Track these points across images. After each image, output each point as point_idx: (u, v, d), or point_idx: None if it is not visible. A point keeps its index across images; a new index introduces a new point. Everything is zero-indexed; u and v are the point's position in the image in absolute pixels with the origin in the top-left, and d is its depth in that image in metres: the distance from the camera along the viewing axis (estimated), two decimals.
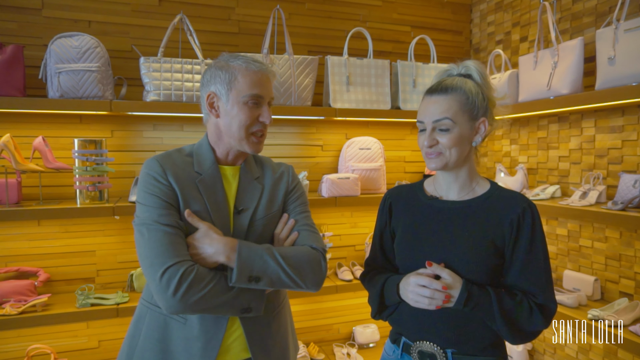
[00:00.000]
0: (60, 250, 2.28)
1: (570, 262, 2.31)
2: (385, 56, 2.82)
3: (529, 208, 1.12)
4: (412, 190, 1.29)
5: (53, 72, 2.01)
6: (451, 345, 1.13)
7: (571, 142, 2.29)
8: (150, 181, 1.15)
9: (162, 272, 1.04)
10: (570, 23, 2.29)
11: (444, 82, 1.16)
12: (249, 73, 1.17)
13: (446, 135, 1.12)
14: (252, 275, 1.09)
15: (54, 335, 2.28)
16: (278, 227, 1.26)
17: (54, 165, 2.10)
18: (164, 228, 1.08)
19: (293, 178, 1.34)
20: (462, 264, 1.11)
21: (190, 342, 1.13)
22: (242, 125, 1.18)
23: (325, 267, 1.20)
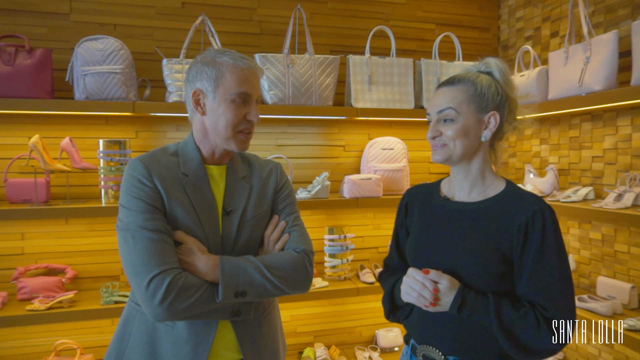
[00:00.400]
0: (87, 248, 2.34)
1: (604, 267, 2.19)
2: (409, 55, 2.77)
3: (540, 211, 1.03)
4: (429, 190, 1.26)
5: (79, 75, 2.07)
6: (453, 352, 1.09)
7: (605, 141, 2.18)
8: (134, 183, 1.10)
9: (148, 281, 1.01)
10: (604, 16, 2.17)
11: (456, 76, 1.13)
12: (236, 70, 1.13)
13: (450, 126, 1.09)
14: (238, 291, 1.07)
15: (80, 331, 2.34)
16: (268, 229, 1.23)
17: (80, 165, 2.16)
18: (149, 234, 1.05)
19: (281, 176, 1.31)
20: (466, 269, 1.06)
21: (179, 346, 1.11)
22: (229, 123, 1.14)
23: (311, 270, 1.18)
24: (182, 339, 1.11)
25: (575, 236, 2.34)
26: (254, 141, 2.54)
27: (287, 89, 2.32)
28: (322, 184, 2.41)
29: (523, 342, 1.00)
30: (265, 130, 2.57)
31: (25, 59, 2.02)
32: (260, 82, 1.21)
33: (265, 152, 2.55)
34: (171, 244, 1.08)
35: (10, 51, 2.01)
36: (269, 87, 2.30)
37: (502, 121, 1.11)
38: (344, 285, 2.46)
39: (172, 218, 1.11)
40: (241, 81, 1.13)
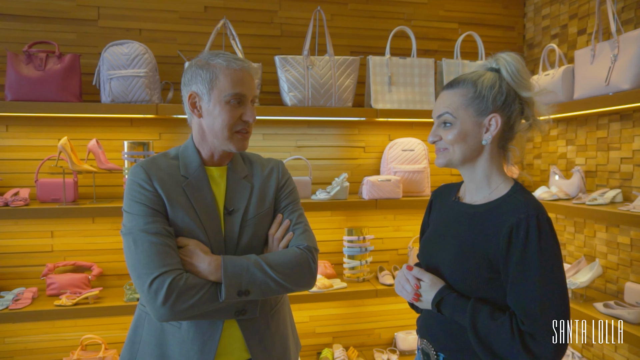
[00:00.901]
0: (112, 246, 2.42)
1: (633, 273, 2.11)
2: (431, 55, 2.74)
3: (526, 219, 0.98)
4: (451, 190, 1.26)
5: (105, 78, 2.14)
6: (444, 350, 1.10)
7: (635, 142, 2.10)
8: (135, 188, 1.13)
9: (149, 282, 1.03)
10: (635, 12, 2.10)
11: (458, 77, 1.11)
12: (230, 71, 1.14)
13: (449, 131, 1.08)
14: (242, 290, 1.08)
15: (105, 327, 2.42)
16: (272, 228, 1.24)
17: (106, 166, 2.23)
18: (150, 237, 1.07)
19: (283, 174, 1.31)
20: (448, 270, 1.08)
21: (187, 345, 1.13)
22: (225, 124, 1.15)
23: (314, 266, 1.19)
24: (188, 338, 1.13)
25: (603, 240, 2.26)
26: (275, 142, 2.57)
27: (306, 91, 2.33)
28: (341, 185, 2.42)
29: (495, 351, 0.96)
30: (285, 131, 2.59)
31: (55, 64, 2.11)
32: (255, 83, 1.22)
33: (284, 154, 2.57)
34: (172, 247, 1.09)
35: (42, 57, 2.09)
36: (288, 88, 2.32)
37: (511, 122, 1.08)
38: (363, 287, 2.45)
39: (174, 220, 1.13)
40: (235, 82, 1.14)
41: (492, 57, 1.12)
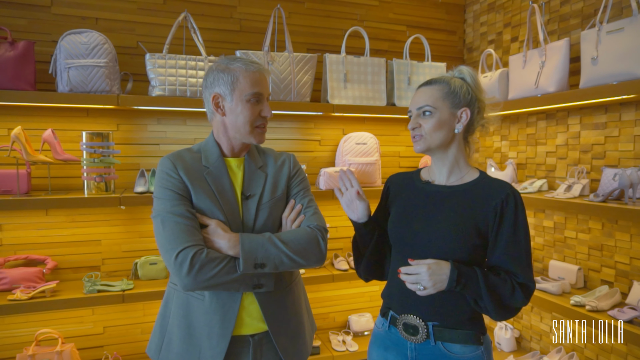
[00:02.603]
0: (67, 239, 2.37)
1: (555, 252, 2.42)
2: (381, 55, 2.92)
3: (512, 195, 1.21)
4: (409, 176, 1.42)
5: (63, 67, 2.09)
6: (433, 318, 1.24)
7: (558, 138, 2.41)
8: (163, 177, 1.28)
9: (175, 255, 1.17)
10: (558, 24, 2.40)
11: (433, 78, 1.31)
12: (249, 74, 1.29)
13: (427, 120, 1.25)
14: (257, 263, 1.22)
15: (60, 321, 2.37)
16: (286, 211, 1.38)
17: (62, 156, 2.18)
18: (176, 218, 1.22)
19: (294, 165, 1.46)
20: (446, 242, 1.22)
21: (209, 315, 1.27)
22: (247, 120, 1.30)
23: (324, 244, 1.32)
24: (211, 309, 1.27)
25: (531, 224, 2.56)
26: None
27: None
28: None
29: (503, 302, 1.18)
30: None
31: (8, 50, 2.03)
32: (268, 83, 1.36)
33: None
34: (195, 226, 1.23)
35: None
36: None
37: (472, 117, 1.27)
38: (320, 273, 2.59)
39: (197, 204, 1.28)
40: (254, 83, 1.29)
41: (454, 69, 1.33)
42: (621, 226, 2.08)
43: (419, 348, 1.25)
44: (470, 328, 1.23)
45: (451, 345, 1.22)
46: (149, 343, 1.40)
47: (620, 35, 1.84)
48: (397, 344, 1.30)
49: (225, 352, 1.25)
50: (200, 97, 2.28)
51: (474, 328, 1.23)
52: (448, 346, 1.22)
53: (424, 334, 1.23)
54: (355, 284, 2.95)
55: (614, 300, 2.00)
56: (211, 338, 1.26)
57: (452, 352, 1.22)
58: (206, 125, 2.56)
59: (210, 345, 1.26)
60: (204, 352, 1.26)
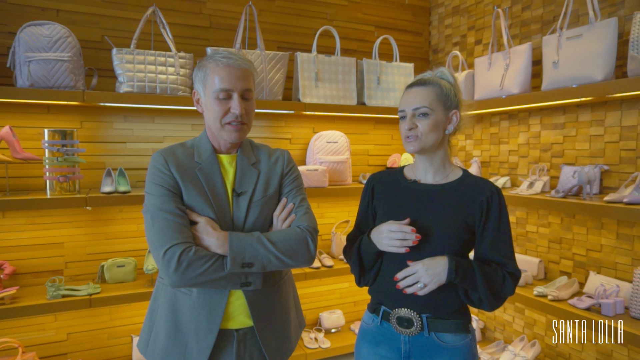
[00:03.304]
0: (27, 242, 2.24)
1: (518, 246, 2.55)
2: (351, 54, 2.96)
3: (496, 192, 1.28)
4: (393, 174, 1.42)
5: (22, 61, 1.98)
6: (426, 310, 1.28)
7: (519, 137, 2.53)
8: (155, 172, 1.27)
9: (163, 252, 1.17)
10: (519, 29, 2.52)
11: (423, 78, 1.33)
12: (217, 69, 1.27)
13: (424, 121, 1.27)
14: (245, 262, 1.21)
15: (20, 329, 2.24)
16: (277, 210, 1.37)
17: (22, 155, 2.07)
18: (165, 215, 1.21)
19: (288, 162, 1.44)
20: (437, 239, 1.26)
21: (197, 310, 1.26)
22: (215, 117, 1.28)
23: (313, 245, 1.31)
24: (198, 304, 1.26)
25: None
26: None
27: None
28: None
29: (496, 291, 1.24)
30: None
31: None
32: (248, 77, 1.30)
33: None
34: (184, 223, 1.23)
35: None
36: None
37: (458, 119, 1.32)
38: (293, 271, 2.59)
39: (188, 200, 1.27)
40: (221, 79, 1.27)
41: (435, 70, 1.36)
42: (578, 220, 2.22)
43: (413, 340, 1.29)
44: (459, 318, 1.29)
45: (443, 335, 1.28)
46: (139, 338, 1.39)
47: (579, 41, 1.96)
48: (389, 338, 1.32)
49: (212, 347, 1.25)
50: (171, 94, 2.22)
51: (462, 317, 1.30)
52: (440, 336, 1.28)
53: (419, 326, 1.27)
54: (326, 281, 2.98)
55: (572, 290, 2.13)
56: (198, 332, 1.26)
57: (444, 342, 1.27)
58: (175, 123, 2.50)
59: (197, 339, 1.26)
60: (190, 346, 1.26)
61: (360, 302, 3.10)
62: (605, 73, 1.87)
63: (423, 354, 1.28)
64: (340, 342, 2.76)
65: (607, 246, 2.10)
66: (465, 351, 1.29)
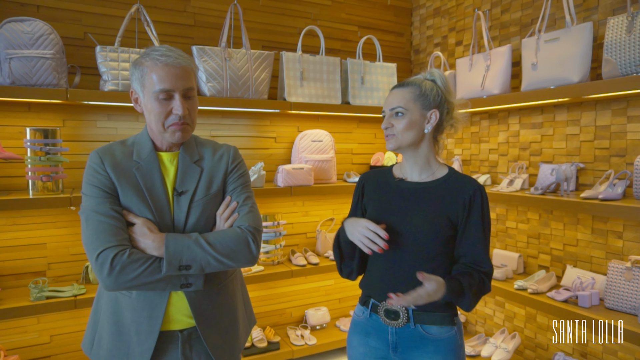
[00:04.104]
0: (8, 243, 2.20)
1: (498, 242, 2.63)
2: (335, 54, 2.99)
3: (479, 190, 1.32)
4: (382, 173, 1.47)
5: (3, 58, 1.94)
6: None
7: (499, 136, 2.61)
8: (90, 172, 1.23)
9: (95, 256, 1.14)
10: (499, 31, 2.59)
11: (406, 80, 1.38)
12: (156, 68, 1.21)
13: (400, 120, 1.33)
14: (182, 265, 1.18)
15: (2, 332, 2.19)
16: (220, 209, 1.32)
17: (3, 154, 2.02)
18: (99, 217, 1.18)
19: (233, 159, 1.38)
20: (421, 235, 1.31)
21: (137, 312, 1.24)
22: (157, 119, 1.23)
23: (255, 246, 1.28)
24: (138, 306, 1.23)
25: None
26: None
27: (224, 82, 2.39)
28: (258, 174, 2.53)
29: (479, 296, 1.30)
30: (200, 121, 2.61)
31: None
32: (188, 75, 1.25)
33: None
34: (119, 225, 1.19)
35: None
36: (206, 79, 2.35)
37: (442, 118, 1.36)
38: (279, 269, 2.61)
39: (124, 201, 1.23)
40: (160, 79, 1.21)
41: (426, 72, 1.41)
42: (556, 216, 2.31)
43: (400, 332, 1.33)
44: (444, 311, 1.34)
45: (429, 327, 1.32)
46: (83, 338, 1.36)
47: (556, 44, 2.04)
48: (377, 330, 1.37)
49: (153, 349, 1.23)
50: None
51: (447, 310, 1.34)
52: (426, 328, 1.32)
53: (405, 318, 1.32)
54: (311, 279, 3.00)
55: (550, 283, 2.22)
56: (139, 334, 1.24)
57: (429, 333, 1.32)
58: None
59: (139, 341, 1.24)
60: (132, 348, 1.24)
61: (345, 299, 3.15)
62: (581, 75, 1.95)
63: (409, 345, 1.33)
64: (326, 338, 2.79)
65: (582, 240, 2.20)
66: (451, 342, 1.33)
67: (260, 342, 2.62)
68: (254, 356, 2.54)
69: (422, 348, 1.32)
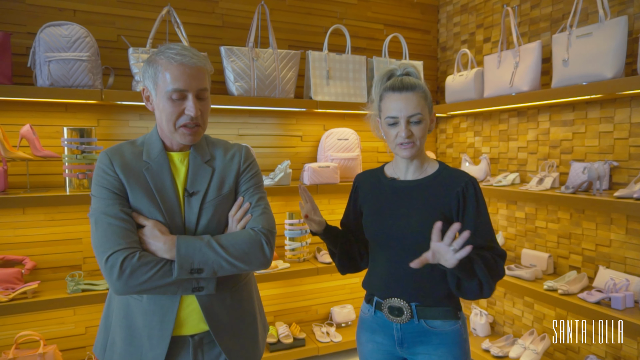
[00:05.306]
0: (46, 238, 2.30)
1: (527, 241, 2.59)
2: (360, 52, 2.99)
3: (470, 182, 1.32)
4: (375, 174, 1.49)
5: (42, 61, 2.02)
6: (415, 299, 1.34)
7: (528, 134, 2.56)
8: (99, 173, 1.21)
9: (105, 259, 1.11)
10: (528, 27, 2.54)
11: (406, 81, 1.31)
12: (170, 67, 1.17)
13: (419, 127, 1.32)
14: (194, 268, 1.15)
15: (40, 322, 2.30)
16: (233, 209, 1.29)
17: (42, 153, 2.11)
18: (108, 219, 1.15)
19: (245, 158, 1.34)
20: (418, 232, 1.30)
21: (149, 316, 1.20)
22: (169, 119, 1.19)
23: (269, 248, 1.24)
24: (150, 310, 1.20)
25: (504, 216, 2.72)
26: (217, 131, 2.62)
27: (252, 81, 2.43)
28: (284, 172, 2.56)
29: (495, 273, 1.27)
30: (227, 120, 2.66)
31: None
32: (203, 75, 1.21)
33: None
34: (129, 227, 1.16)
35: None
36: (234, 78, 2.40)
37: None
38: (304, 266, 2.64)
39: (134, 203, 1.20)
40: (174, 78, 1.17)
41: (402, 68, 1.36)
42: (588, 215, 2.26)
43: (404, 327, 1.35)
44: (447, 305, 1.35)
45: (432, 322, 1.34)
46: (95, 342, 1.32)
47: (589, 39, 1.99)
48: (383, 327, 1.39)
49: (165, 354, 1.20)
50: None
51: (450, 304, 1.35)
52: (430, 322, 1.34)
53: (408, 314, 1.33)
54: (337, 276, 3.02)
55: (582, 284, 2.16)
56: (151, 339, 1.21)
57: (433, 328, 1.33)
58: None
59: (151, 346, 1.21)
60: (145, 352, 1.21)
61: None
62: (615, 71, 1.90)
63: (414, 340, 1.35)
64: (352, 336, 2.80)
65: (616, 241, 2.14)
66: (455, 336, 1.35)
67: (286, 338, 2.65)
68: (280, 352, 2.58)
69: (427, 342, 1.35)
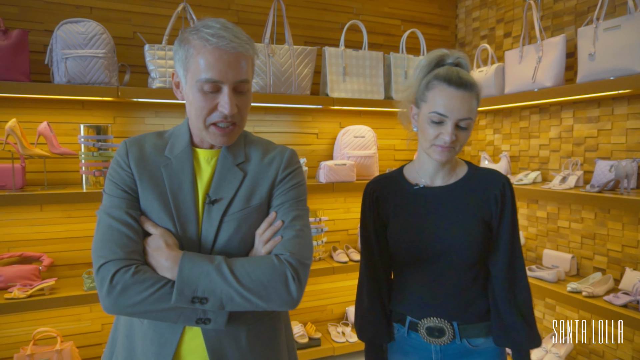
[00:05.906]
0: (63, 235, 2.30)
1: (549, 242, 2.51)
2: (377, 48, 2.94)
3: (507, 182, 1.22)
4: (395, 180, 1.30)
5: (59, 58, 2.02)
6: (455, 317, 1.21)
7: (551, 131, 2.49)
8: (113, 166, 1.03)
9: (97, 268, 0.93)
10: (551, 21, 2.47)
11: (464, 77, 1.16)
12: (204, 51, 0.94)
13: (465, 133, 1.17)
14: (196, 296, 0.91)
15: (57, 319, 2.31)
16: (261, 227, 1.03)
17: (59, 150, 2.12)
18: (109, 220, 0.97)
19: (287, 164, 1.08)
20: (462, 245, 1.19)
21: (147, 343, 1.00)
22: (198, 114, 0.99)
23: (295, 284, 0.95)
24: (148, 337, 1.00)
25: (524, 215, 2.65)
26: None
27: (268, 78, 2.41)
28: None
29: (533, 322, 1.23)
30: None
31: (1, 39, 1.95)
32: (245, 64, 0.98)
33: None
34: (131, 234, 0.97)
35: None
36: None
37: None
38: (320, 265, 2.60)
39: (144, 206, 1.01)
40: (209, 65, 0.94)
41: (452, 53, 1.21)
42: (614, 215, 2.18)
43: (444, 349, 1.24)
44: (488, 319, 1.25)
45: (475, 340, 1.23)
46: (103, 353, 1.14)
47: (617, 32, 1.92)
48: (418, 348, 1.27)
49: None
50: None
51: (490, 318, 1.25)
52: (472, 341, 1.23)
53: (450, 334, 1.22)
54: (352, 275, 2.98)
55: (607, 287, 2.09)
56: None
57: (476, 346, 1.24)
58: None
59: None
60: None
61: None
62: None
63: None
64: None
65: None
66: (497, 353, 1.26)
67: (302, 337, 2.62)
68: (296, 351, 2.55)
69: None
